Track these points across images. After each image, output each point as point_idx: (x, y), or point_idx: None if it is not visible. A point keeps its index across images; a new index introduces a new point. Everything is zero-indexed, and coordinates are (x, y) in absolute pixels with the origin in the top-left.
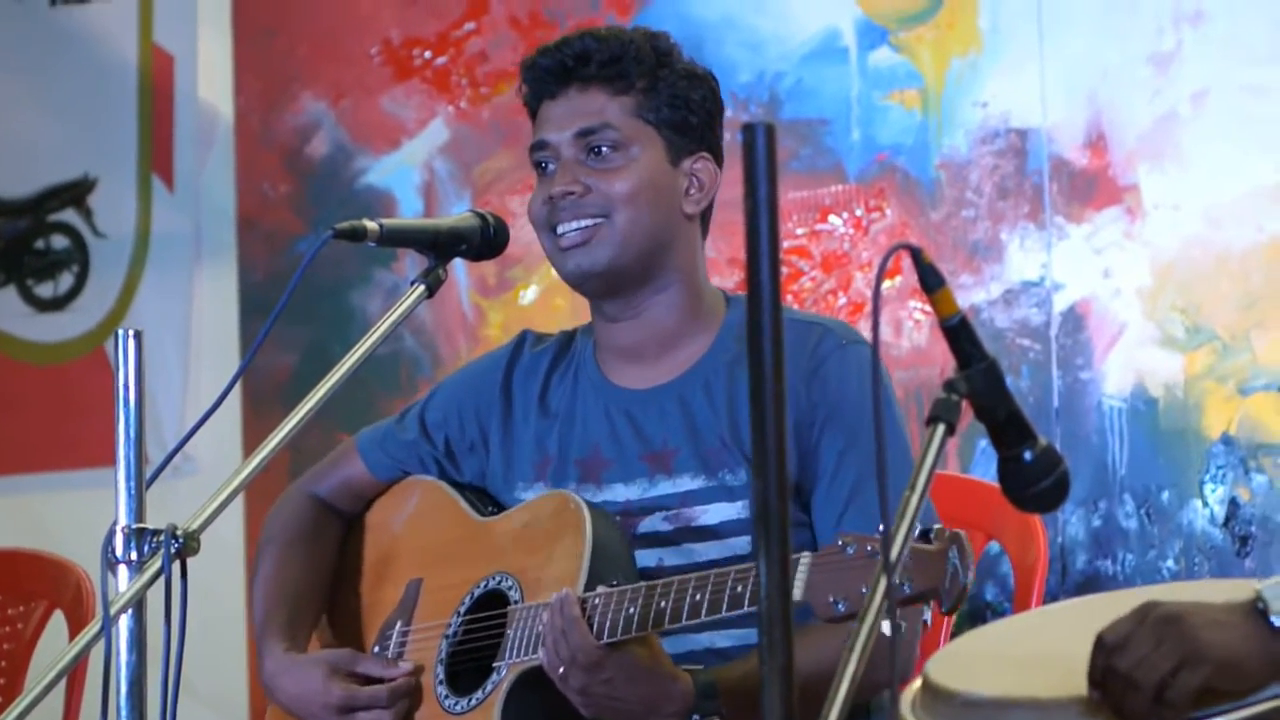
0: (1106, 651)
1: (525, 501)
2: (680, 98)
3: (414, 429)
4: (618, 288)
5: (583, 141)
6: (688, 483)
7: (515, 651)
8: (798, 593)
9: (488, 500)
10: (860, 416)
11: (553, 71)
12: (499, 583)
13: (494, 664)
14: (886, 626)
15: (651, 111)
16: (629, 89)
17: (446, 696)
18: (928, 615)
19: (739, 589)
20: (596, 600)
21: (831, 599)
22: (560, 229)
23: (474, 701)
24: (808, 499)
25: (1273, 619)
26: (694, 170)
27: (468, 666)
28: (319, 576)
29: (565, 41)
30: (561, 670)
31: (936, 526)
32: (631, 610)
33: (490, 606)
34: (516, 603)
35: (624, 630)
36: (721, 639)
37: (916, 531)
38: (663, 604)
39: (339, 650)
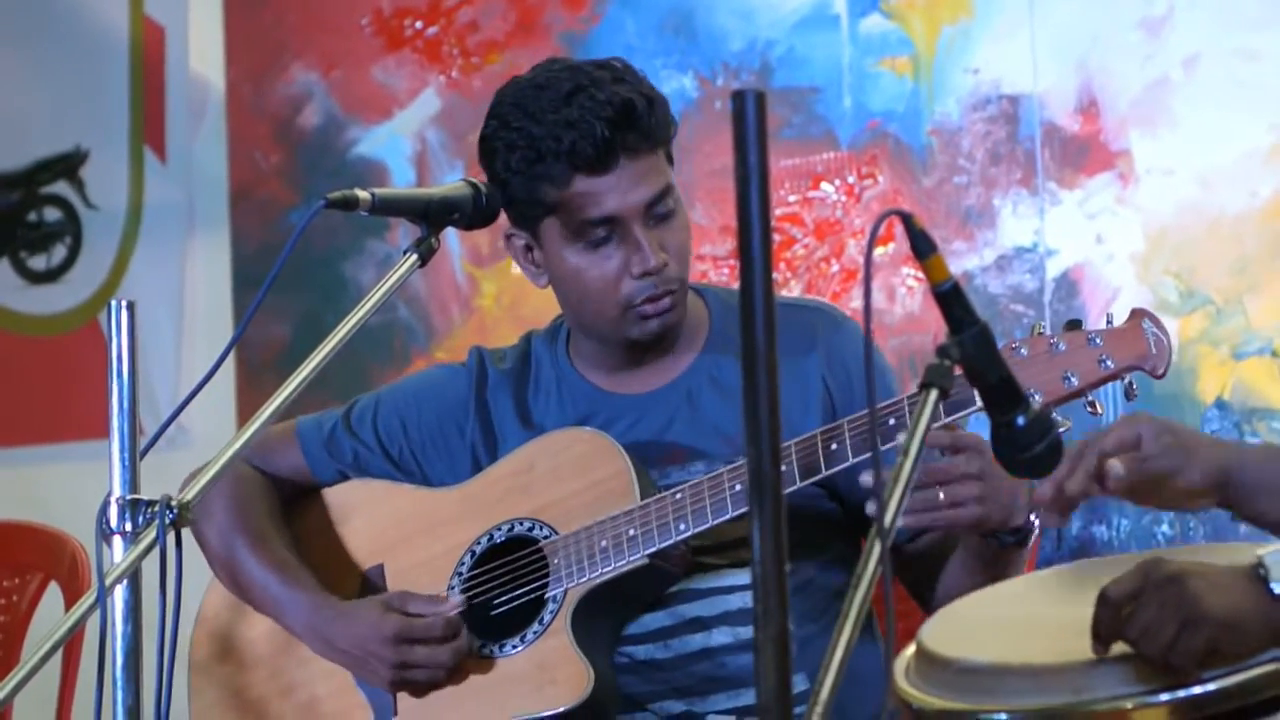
0: (1112, 608)
1: (507, 456)
2: (673, 126)
3: (370, 439)
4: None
5: (650, 210)
6: (702, 469)
7: (569, 577)
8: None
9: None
10: (883, 379)
11: (606, 144)
12: (511, 530)
13: (546, 595)
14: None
15: (671, 151)
16: (661, 141)
17: (485, 646)
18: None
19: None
20: (678, 494)
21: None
22: (649, 303)
23: (533, 635)
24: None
25: (1273, 585)
26: None
27: (494, 617)
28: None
29: (595, 106)
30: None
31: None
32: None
33: (495, 559)
34: (548, 538)
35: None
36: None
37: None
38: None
39: (391, 593)
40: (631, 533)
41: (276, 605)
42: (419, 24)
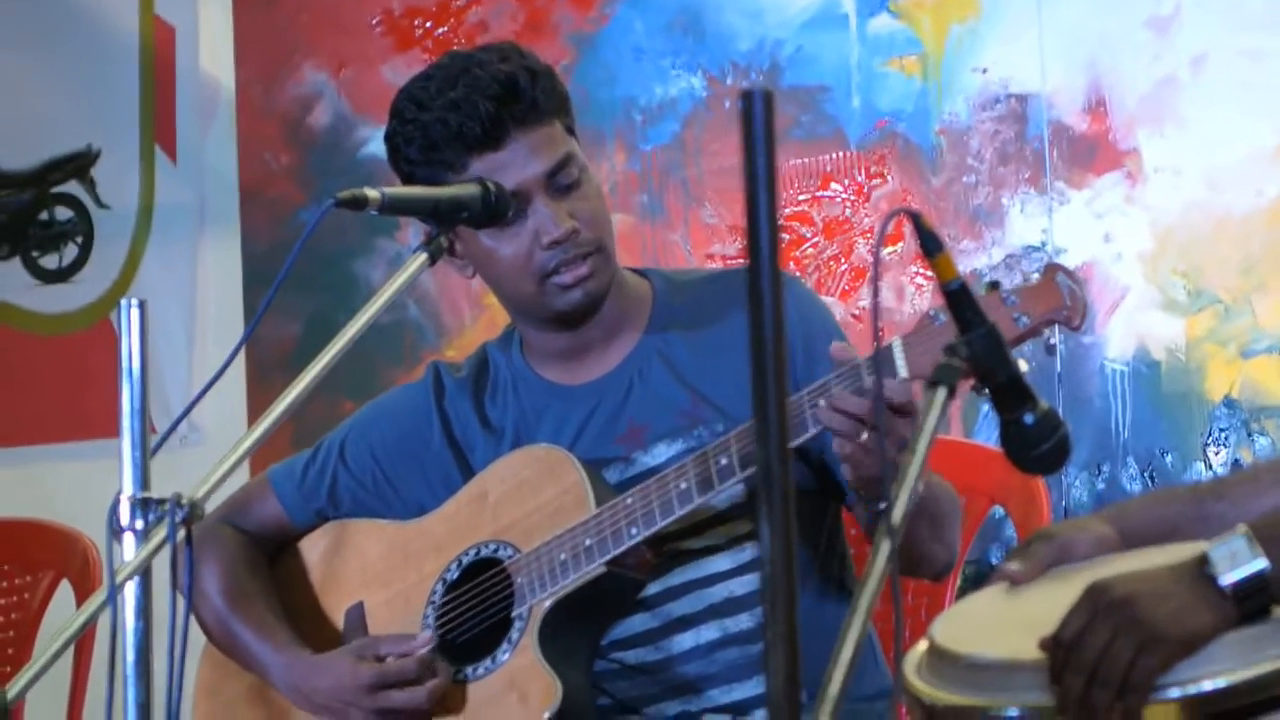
0: (1066, 649)
1: (469, 483)
2: (568, 98)
3: (340, 471)
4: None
5: (551, 180)
6: (664, 450)
7: (532, 594)
8: (903, 371)
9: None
10: (828, 338)
11: (493, 120)
12: (477, 554)
13: (512, 615)
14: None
15: (570, 123)
16: (552, 112)
17: (458, 672)
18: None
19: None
20: (629, 499)
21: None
22: (565, 270)
23: (503, 655)
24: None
25: (1220, 582)
26: None
27: (465, 642)
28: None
29: (479, 85)
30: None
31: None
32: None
33: (466, 584)
34: (511, 558)
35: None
36: (739, 586)
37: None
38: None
39: (361, 639)
40: (588, 543)
41: (259, 666)
42: (429, 24)
